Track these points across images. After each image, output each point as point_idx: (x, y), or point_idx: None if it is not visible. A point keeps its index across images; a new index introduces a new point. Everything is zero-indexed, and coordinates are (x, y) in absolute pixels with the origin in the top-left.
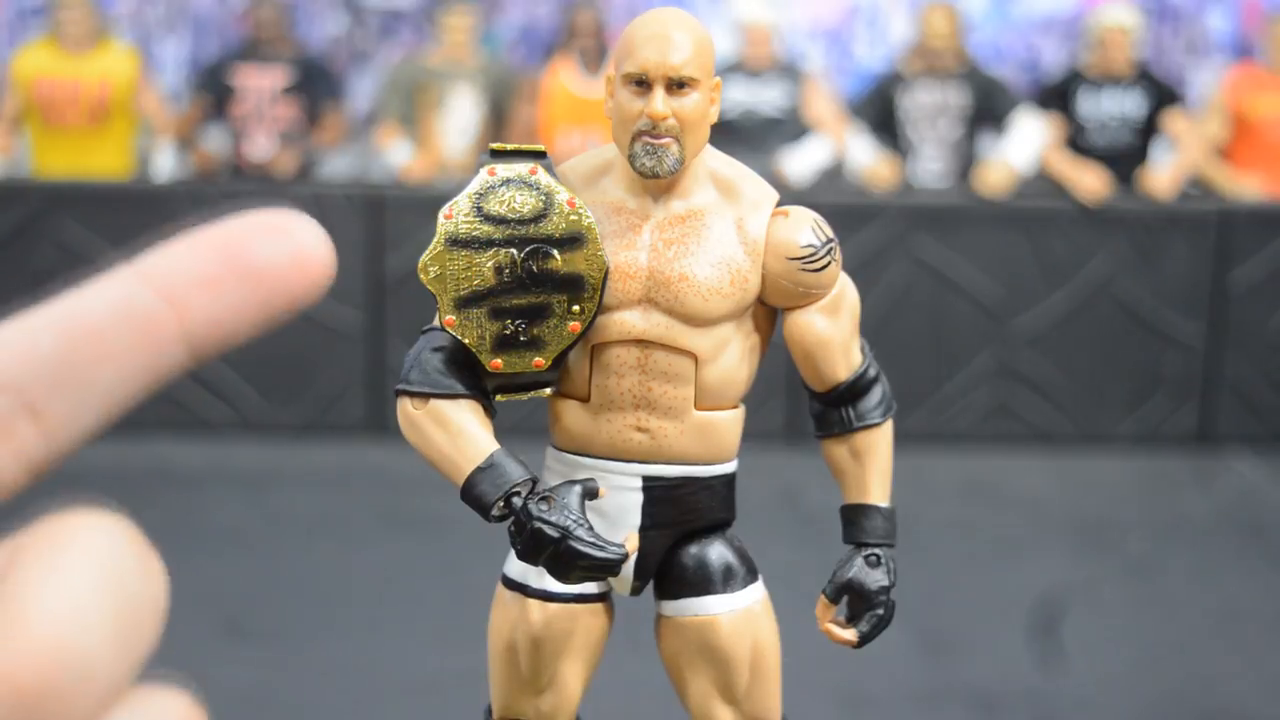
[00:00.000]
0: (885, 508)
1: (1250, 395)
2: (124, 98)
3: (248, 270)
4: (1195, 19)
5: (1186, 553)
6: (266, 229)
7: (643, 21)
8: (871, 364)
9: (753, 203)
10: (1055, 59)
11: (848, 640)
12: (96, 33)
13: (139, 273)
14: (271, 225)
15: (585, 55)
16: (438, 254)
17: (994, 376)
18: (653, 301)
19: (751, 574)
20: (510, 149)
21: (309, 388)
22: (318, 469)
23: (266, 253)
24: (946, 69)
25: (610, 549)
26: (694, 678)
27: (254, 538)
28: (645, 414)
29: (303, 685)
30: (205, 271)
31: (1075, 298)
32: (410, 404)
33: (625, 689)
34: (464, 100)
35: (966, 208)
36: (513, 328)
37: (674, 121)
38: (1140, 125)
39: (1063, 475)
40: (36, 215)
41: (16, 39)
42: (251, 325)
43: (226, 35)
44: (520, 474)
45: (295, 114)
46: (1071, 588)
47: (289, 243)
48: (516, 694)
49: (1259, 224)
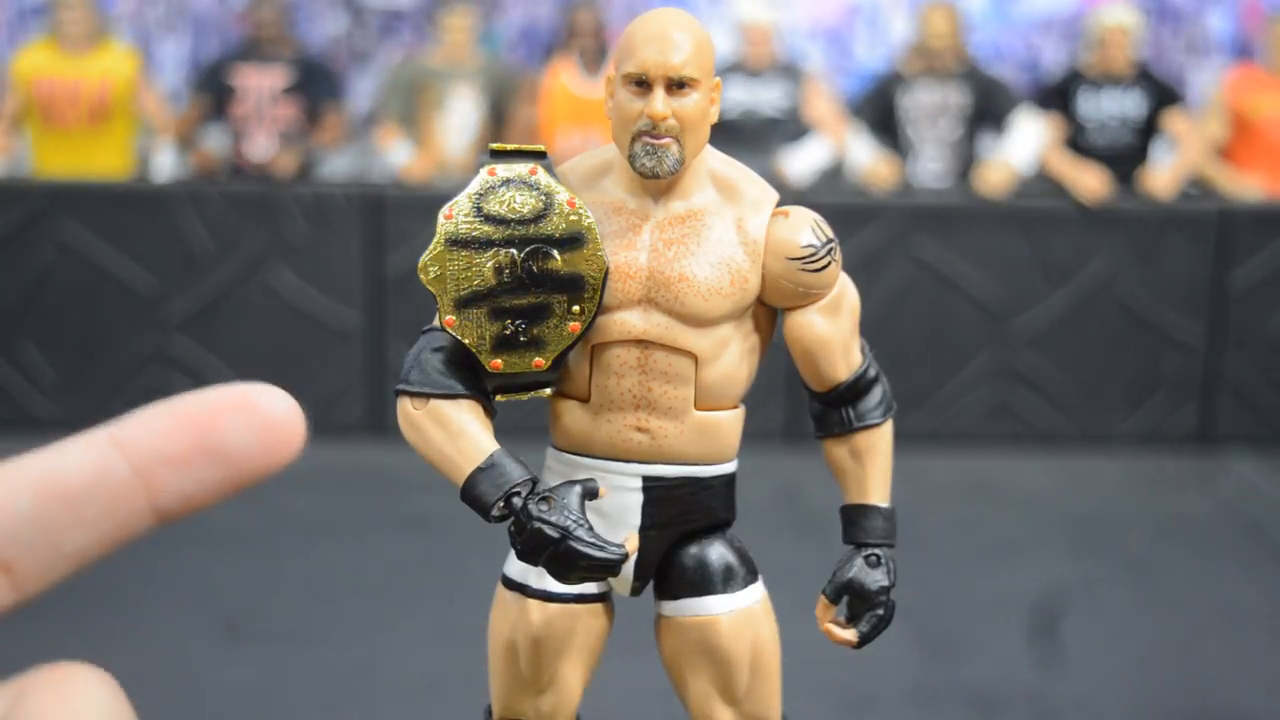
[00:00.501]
0: (885, 508)
1: (1250, 395)
2: (124, 98)
3: (216, 450)
4: (1195, 19)
5: (1186, 553)
6: (236, 405)
7: (643, 22)
8: (871, 364)
9: (753, 203)
10: (1055, 59)
11: (848, 640)
12: (96, 33)
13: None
14: (241, 401)
15: (585, 55)
16: (438, 254)
17: (994, 376)
18: (653, 301)
19: (751, 574)
20: (510, 149)
21: (309, 388)
22: (318, 469)
23: (235, 433)
24: (946, 69)
25: (610, 549)
26: (694, 678)
27: (254, 538)
28: (645, 414)
29: (302, 685)
30: (175, 449)
31: (1075, 298)
32: (410, 404)
33: (625, 689)
34: (464, 100)
35: (966, 208)
36: (513, 328)
37: (674, 122)
38: (1140, 125)
39: (1063, 475)
40: (36, 215)
41: (16, 39)
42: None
43: (226, 35)
44: (520, 474)
45: (295, 114)
46: (1071, 588)
47: (258, 419)
48: (516, 694)
49: (1259, 224)
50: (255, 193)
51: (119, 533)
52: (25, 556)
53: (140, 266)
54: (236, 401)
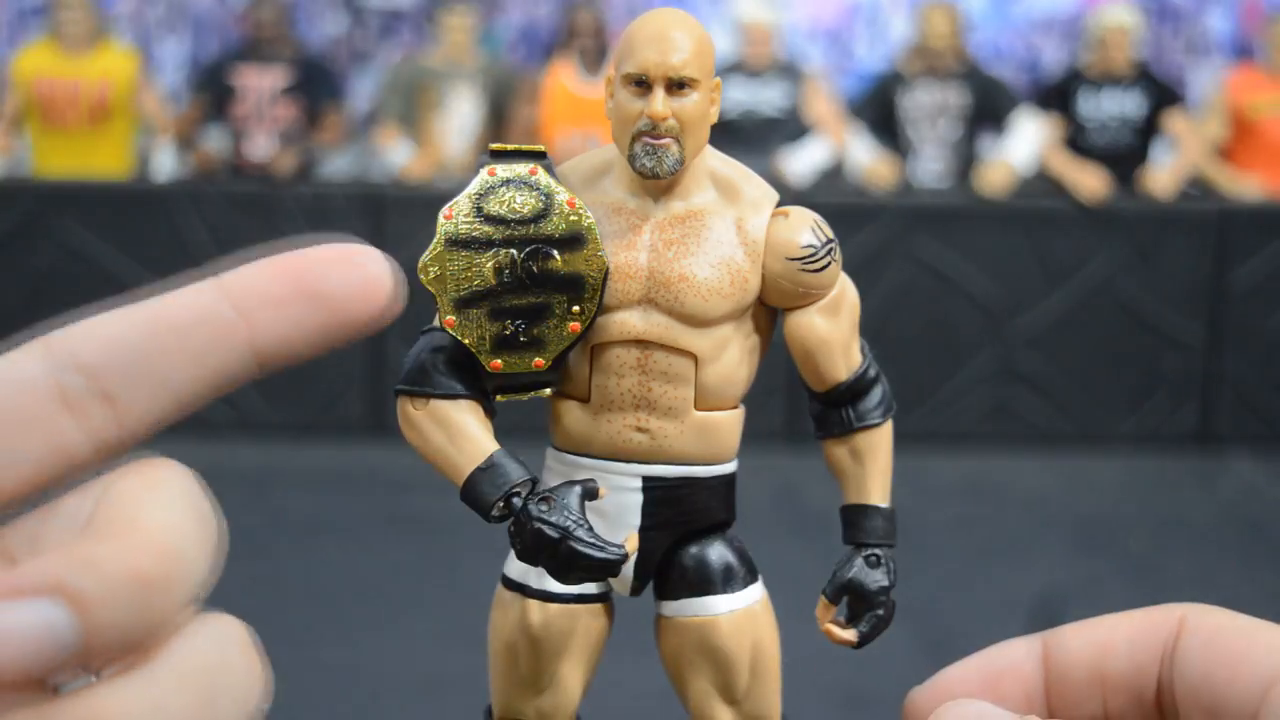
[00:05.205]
0: (885, 508)
1: (1250, 395)
2: (124, 98)
3: (316, 295)
4: (1195, 19)
5: (1186, 553)
6: (339, 258)
7: (643, 22)
8: (871, 364)
9: (753, 203)
10: (1055, 59)
11: (848, 640)
12: (96, 33)
13: (218, 284)
14: (344, 255)
15: (585, 55)
16: (438, 254)
17: (994, 376)
18: (653, 302)
19: (751, 574)
20: (510, 149)
21: (309, 388)
22: (318, 469)
23: (335, 281)
24: (946, 69)
25: (610, 549)
26: (694, 678)
27: (254, 538)
28: (645, 414)
29: (302, 685)
30: (277, 291)
31: (1075, 298)
32: (410, 404)
33: (625, 689)
34: (464, 100)
35: (966, 208)
36: (513, 328)
37: (674, 122)
38: (1140, 125)
39: (1063, 475)
40: (36, 215)
41: (16, 39)
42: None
43: (226, 35)
44: (520, 474)
45: (295, 114)
46: (1071, 588)
47: (358, 273)
48: (516, 694)
49: (1259, 224)
50: (255, 193)
51: (221, 372)
52: (129, 389)
53: (140, 266)
54: (336, 253)
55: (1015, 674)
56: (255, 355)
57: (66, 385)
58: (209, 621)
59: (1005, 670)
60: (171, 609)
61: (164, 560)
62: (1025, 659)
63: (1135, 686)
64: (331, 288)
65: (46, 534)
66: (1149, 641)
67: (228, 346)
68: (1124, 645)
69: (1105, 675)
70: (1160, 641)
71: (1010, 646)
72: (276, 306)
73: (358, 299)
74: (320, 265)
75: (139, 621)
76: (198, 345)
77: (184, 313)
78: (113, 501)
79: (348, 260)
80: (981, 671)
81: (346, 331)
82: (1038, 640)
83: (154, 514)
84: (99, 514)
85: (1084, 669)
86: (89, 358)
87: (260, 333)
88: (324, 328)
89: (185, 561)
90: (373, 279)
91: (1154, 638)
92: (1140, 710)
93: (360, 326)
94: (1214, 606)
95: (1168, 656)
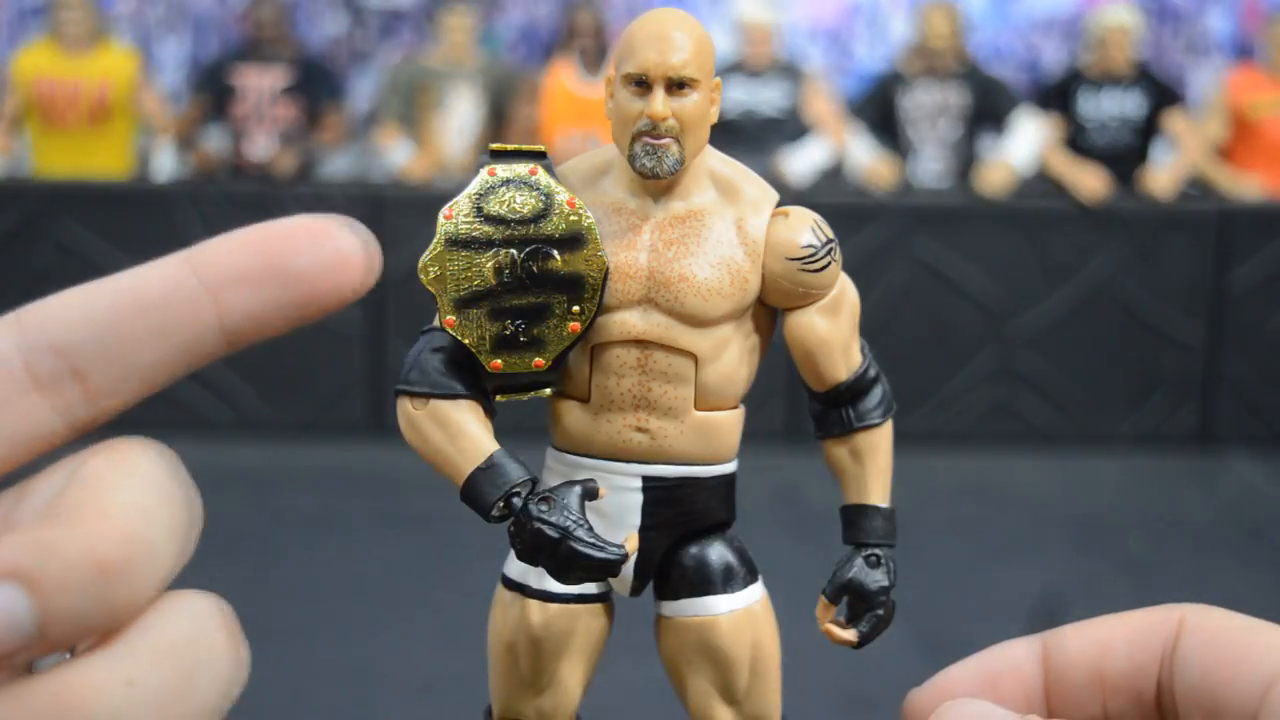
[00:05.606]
0: (885, 508)
1: (1250, 395)
2: (124, 98)
3: (286, 271)
4: (1195, 19)
5: (1186, 553)
6: (309, 232)
7: (642, 22)
8: (871, 364)
9: (753, 203)
10: (1055, 59)
11: (848, 640)
12: (96, 33)
13: (187, 259)
14: (315, 229)
15: (585, 55)
16: (438, 254)
17: (994, 376)
18: (653, 302)
19: (751, 574)
20: (510, 149)
21: (309, 388)
22: (318, 469)
23: (305, 256)
24: (946, 69)
25: (610, 549)
26: (694, 678)
27: (254, 538)
28: (645, 414)
29: (302, 685)
30: (246, 268)
31: (1075, 298)
32: (410, 404)
33: (625, 689)
34: (464, 100)
35: (966, 208)
36: (513, 328)
37: (674, 122)
38: (1140, 125)
39: (1063, 475)
40: (36, 215)
41: (16, 39)
42: (285, 322)
43: (226, 35)
44: (520, 474)
45: (295, 114)
46: (1071, 588)
47: (329, 248)
48: (516, 694)
49: (1259, 224)
50: (255, 193)
51: (190, 351)
52: (100, 367)
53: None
54: (309, 228)
55: (1015, 674)
56: (224, 332)
57: (37, 363)
58: (186, 598)
59: (1005, 670)
60: (134, 595)
61: (126, 546)
62: (1025, 659)
63: (1135, 687)
64: (301, 263)
65: (19, 516)
66: (1149, 642)
67: (196, 324)
68: (1124, 646)
69: (1105, 675)
70: (1160, 642)
71: (1010, 647)
72: (245, 283)
73: (328, 275)
74: (290, 240)
75: (99, 608)
76: (166, 323)
77: (152, 290)
78: (80, 483)
79: (318, 234)
80: (981, 672)
81: (317, 308)
82: (1037, 640)
83: (120, 497)
84: (65, 496)
85: (1084, 669)
86: (59, 335)
87: (228, 310)
88: (293, 304)
89: (150, 546)
90: (344, 253)
91: (1154, 638)
92: (1140, 710)
93: (331, 302)
94: (1214, 607)
95: (1167, 657)
